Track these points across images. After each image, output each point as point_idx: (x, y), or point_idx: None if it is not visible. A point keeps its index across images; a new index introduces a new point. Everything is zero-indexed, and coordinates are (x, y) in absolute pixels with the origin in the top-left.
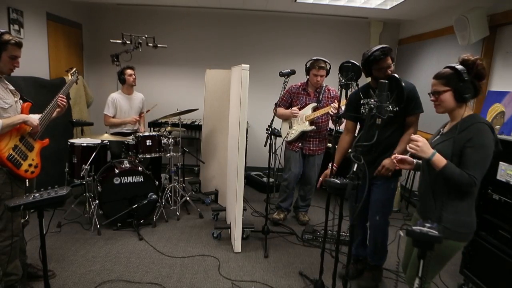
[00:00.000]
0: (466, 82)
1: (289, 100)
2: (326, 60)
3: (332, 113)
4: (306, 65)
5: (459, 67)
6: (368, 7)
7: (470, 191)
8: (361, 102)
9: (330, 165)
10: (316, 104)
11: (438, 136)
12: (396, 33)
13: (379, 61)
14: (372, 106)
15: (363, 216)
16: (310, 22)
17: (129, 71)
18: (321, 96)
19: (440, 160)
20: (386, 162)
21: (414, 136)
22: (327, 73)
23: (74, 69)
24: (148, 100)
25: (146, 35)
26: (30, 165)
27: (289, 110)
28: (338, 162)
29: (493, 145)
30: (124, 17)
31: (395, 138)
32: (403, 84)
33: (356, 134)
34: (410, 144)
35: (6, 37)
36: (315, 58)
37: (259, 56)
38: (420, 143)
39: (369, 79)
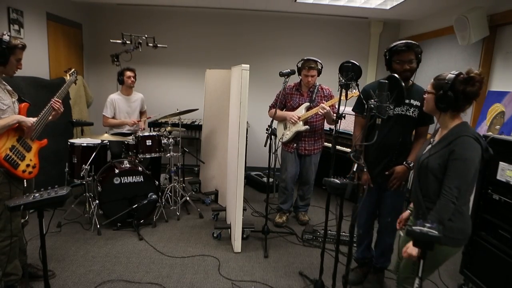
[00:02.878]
0: (447, 94)
1: (283, 101)
2: (317, 60)
3: (321, 113)
4: (297, 65)
5: (450, 77)
6: (368, 7)
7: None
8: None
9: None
10: (309, 103)
11: (429, 146)
12: (396, 33)
13: (400, 52)
14: (372, 106)
15: (370, 220)
16: (310, 22)
17: (128, 73)
18: (314, 96)
19: None
20: (398, 171)
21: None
22: (319, 72)
23: (73, 69)
24: (148, 100)
25: (146, 35)
26: (27, 165)
27: (286, 113)
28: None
29: (477, 159)
30: (124, 17)
31: (410, 144)
32: (417, 88)
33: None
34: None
35: (15, 41)
36: (306, 58)
37: (259, 56)
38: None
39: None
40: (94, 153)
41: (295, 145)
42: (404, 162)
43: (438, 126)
